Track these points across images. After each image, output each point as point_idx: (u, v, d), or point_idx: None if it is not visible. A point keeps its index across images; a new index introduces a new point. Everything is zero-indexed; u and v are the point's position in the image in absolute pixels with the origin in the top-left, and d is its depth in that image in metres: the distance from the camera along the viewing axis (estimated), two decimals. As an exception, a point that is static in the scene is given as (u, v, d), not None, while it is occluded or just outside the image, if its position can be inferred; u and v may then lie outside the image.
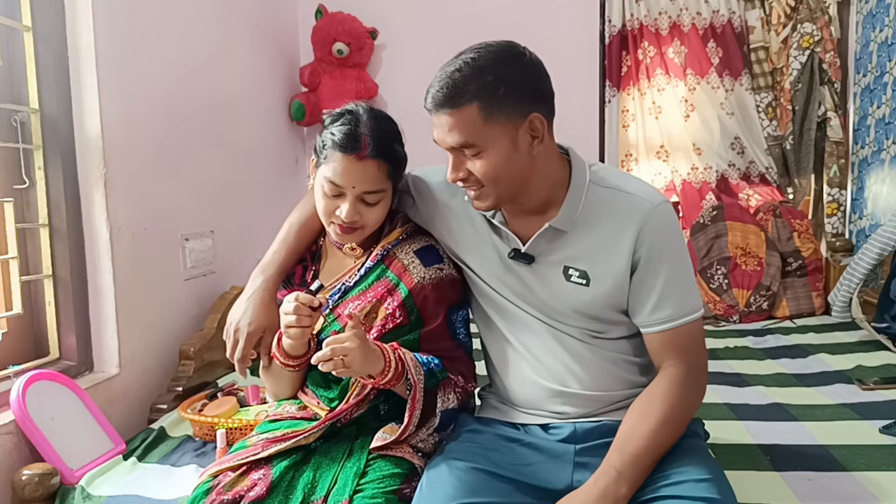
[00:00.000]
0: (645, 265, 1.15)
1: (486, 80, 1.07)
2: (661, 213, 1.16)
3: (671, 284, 1.15)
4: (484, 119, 1.08)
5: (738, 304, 2.87)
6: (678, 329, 1.15)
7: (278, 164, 3.02)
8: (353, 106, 1.26)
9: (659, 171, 3.26)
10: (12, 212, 1.72)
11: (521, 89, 1.10)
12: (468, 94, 1.07)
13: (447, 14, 3.13)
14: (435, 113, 1.12)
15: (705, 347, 1.21)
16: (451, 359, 1.29)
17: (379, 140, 1.21)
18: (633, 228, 1.15)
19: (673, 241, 1.18)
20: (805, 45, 3.05)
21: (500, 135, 1.10)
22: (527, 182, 1.16)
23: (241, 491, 1.14)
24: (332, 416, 1.24)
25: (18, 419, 1.51)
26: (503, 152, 1.11)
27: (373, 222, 1.27)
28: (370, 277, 1.30)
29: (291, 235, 1.36)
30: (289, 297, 1.20)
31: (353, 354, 1.11)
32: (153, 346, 2.03)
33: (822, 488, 1.32)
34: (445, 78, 1.09)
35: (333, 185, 1.22)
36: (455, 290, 1.32)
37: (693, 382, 1.15)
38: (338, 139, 1.20)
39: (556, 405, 1.24)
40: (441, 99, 1.09)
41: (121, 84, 1.89)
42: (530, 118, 1.10)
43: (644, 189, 1.20)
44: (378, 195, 1.24)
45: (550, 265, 1.21)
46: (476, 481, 1.08)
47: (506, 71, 1.08)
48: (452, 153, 1.14)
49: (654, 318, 1.16)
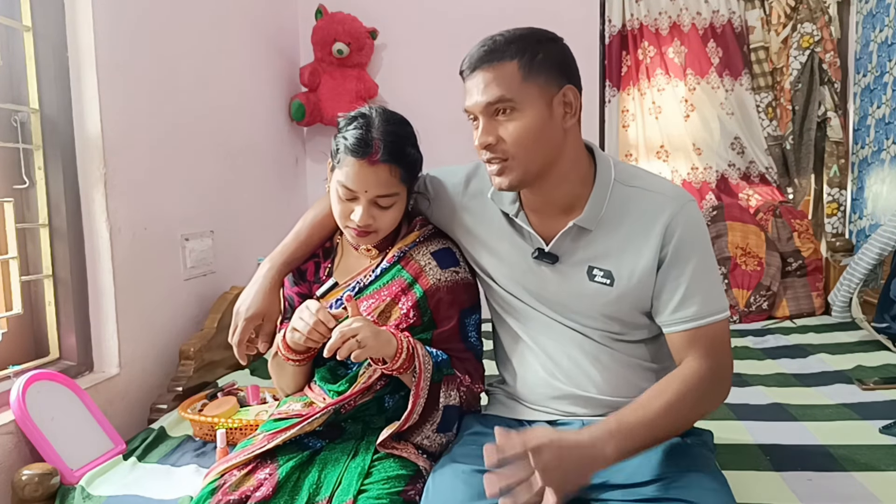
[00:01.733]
0: (670, 262, 1.14)
1: (527, 43, 1.10)
2: (689, 211, 1.15)
3: (697, 282, 1.13)
4: (523, 77, 1.09)
5: (738, 304, 2.87)
6: (703, 329, 1.12)
7: (278, 164, 3.02)
8: (366, 109, 1.26)
9: (659, 172, 3.25)
10: (12, 212, 1.71)
11: (558, 62, 1.12)
12: (510, 51, 1.10)
13: (447, 14, 3.13)
14: (470, 75, 1.13)
15: (730, 349, 1.17)
16: (460, 359, 1.30)
17: (391, 144, 1.20)
18: (659, 226, 1.14)
19: (700, 239, 1.16)
20: (805, 45, 3.05)
21: (537, 96, 1.10)
22: (556, 159, 1.14)
23: (248, 491, 1.14)
24: (338, 401, 1.24)
25: (18, 419, 1.51)
26: (538, 115, 1.10)
27: (387, 225, 1.27)
28: (385, 277, 1.31)
29: (304, 230, 1.38)
30: (311, 304, 1.20)
31: (363, 333, 1.12)
32: (153, 346, 2.03)
33: (822, 488, 1.32)
34: (486, 40, 1.12)
35: (347, 190, 1.22)
36: (469, 293, 1.33)
37: (714, 382, 1.11)
38: (350, 144, 1.20)
39: (566, 405, 1.23)
40: (481, 55, 1.11)
41: (121, 84, 1.89)
42: (565, 90, 1.12)
43: (671, 188, 1.19)
44: (391, 199, 1.24)
45: (574, 265, 1.20)
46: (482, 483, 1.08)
47: (546, 42, 1.12)
48: (484, 116, 1.12)
49: (678, 317, 1.14)
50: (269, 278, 1.34)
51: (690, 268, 1.13)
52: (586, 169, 1.19)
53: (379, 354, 1.17)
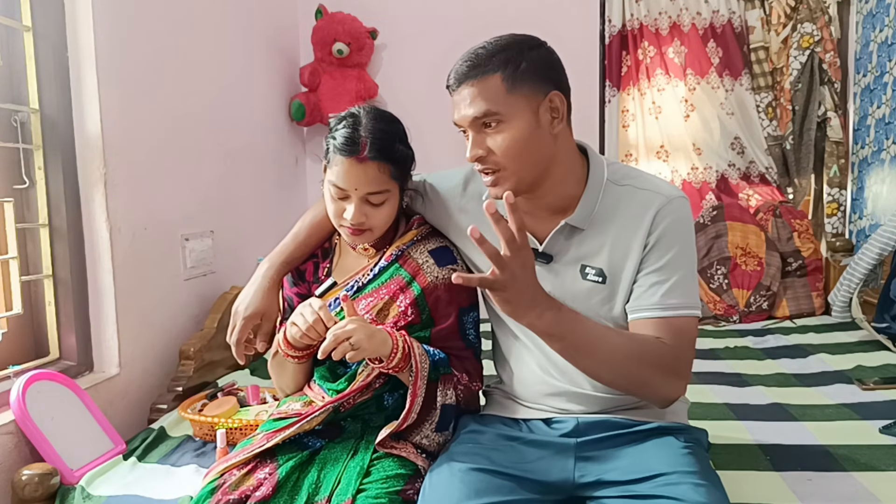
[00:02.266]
0: (651, 249, 1.15)
1: (509, 55, 1.11)
2: (676, 206, 1.16)
3: (673, 273, 1.14)
4: (507, 89, 1.10)
5: (738, 304, 2.87)
6: (672, 319, 1.12)
7: (278, 164, 3.02)
8: (356, 109, 1.27)
9: (659, 172, 3.25)
10: (12, 212, 1.71)
11: (542, 69, 1.12)
12: (492, 64, 1.10)
13: (447, 14, 3.13)
14: (456, 89, 1.14)
15: (694, 350, 1.17)
16: (459, 358, 1.31)
17: (379, 141, 1.21)
18: (647, 220, 1.15)
19: (683, 233, 1.17)
20: (805, 45, 3.05)
21: (523, 106, 1.11)
22: (548, 165, 1.15)
23: (247, 490, 1.14)
24: (337, 399, 1.24)
25: (18, 419, 1.51)
26: (526, 125, 1.11)
27: (381, 223, 1.27)
28: (383, 276, 1.31)
29: (303, 230, 1.39)
30: (313, 301, 1.20)
31: (357, 335, 1.12)
32: (153, 346, 2.03)
33: (822, 488, 1.32)
34: (469, 55, 1.13)
35: (338, 189, 1.24)
36: (467, 291, 1.33)
37: (671, 367, 1.11)
38: (338, 143, 1.22)
39: (561, 402, 1.24)
40: (465, 70, 1.12)
41: (121, 84, 1.89)
42: (550, 96, 1.12)
43: (662, 186, 1.20)
44: (382, 196, 1.24)
45: (567, 264, 1.21)
46: (479, 482, 1.08)
47: (528, 51, 1.12)
48: (473, 129, 1.14)
49: (649, 303, 1.14)
50: (267, 278, 1.35)
51: (669, 257, 1.14)
52: (580, 170, 1.21)
53: (373, 355, 1.17)
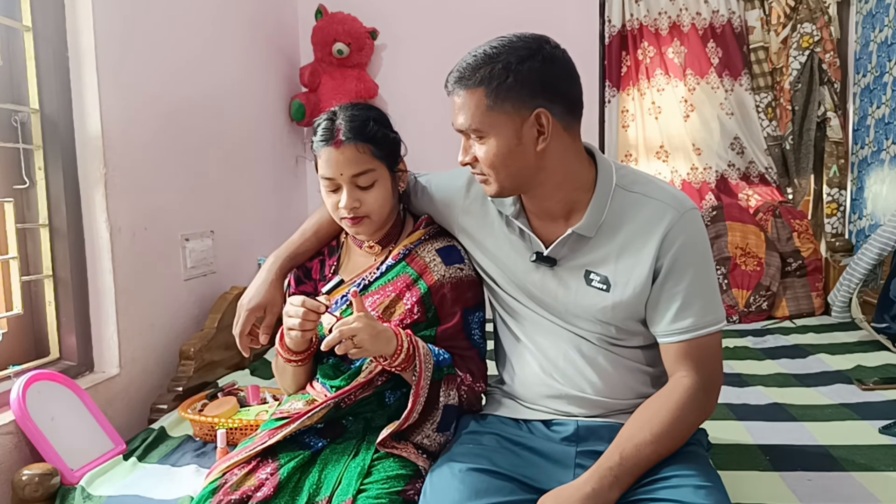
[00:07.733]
0: (667, 273, 1.13)
1: (495, 69, 1.08)
2: (688, 220, 1.14)
3: (693, 294, 1.13)
4: (488, 106, 1.10)
5: (737, 305, 2.87)
6: (696, 340, 1.13)
7: (278, 164, 3.02)
8: (337, 107, 1.30)
9: (658, 172, 3.25)
10: (12, 212, 1.71)
11: (530, 84, 1.09)
12: (476, 78, 1.10)
13: (447, 14, 3.13)
14: (450, 94, 1.15)
15: (722, 360, 1.18)
16: (463, 358, 1.31)
17: (350, 123, 1.24)
18: (657, 235, 1.13)
19: (698, 249, 1.15)
20: (805, 45, 3.06)
21: (503, 124, 1.10)
22: (532, 177, 1.15)
23: (248, 490, 1.14)
24: (338, 395, 1.25)
25: (18, 419, 1.51)
26: (504, 143, 1.11)
27: (376, 208, 1.28)
28: (390, 274, 1.32)
29: (310, 228, 1.42)
30: (294, 299, 1.21)
31: (362, 334, 1.13)
32: (153, 346, 2.03)
33: (822, 488, 1.32)
34: (463, 61, 1.13)
35: (327, 180, 1.26)
36: (473, 291, 1.33)
37: (704, 396, 1.13)
38: (317, 135, 1.26)
39: (563, 405, 1.24)
40: (454, 79, 1.13)
41: (121, 84, 1.89)
42: (536, 113, 1.09)
43: (672, 195, 1.17)
44: (368, 177, 1.26)
45: (572, 269, 1.20)
46: (479, 482, 1.08)
47: (518, 63, 1.08)
48: (463, 135, 1.17)
49: (673, 328, 1.14)
50: (272, 271, 1.36)
51: (687, 279, 1.13)
52: (586, 175, 1.19)
53: (376, 354, 1.18)
